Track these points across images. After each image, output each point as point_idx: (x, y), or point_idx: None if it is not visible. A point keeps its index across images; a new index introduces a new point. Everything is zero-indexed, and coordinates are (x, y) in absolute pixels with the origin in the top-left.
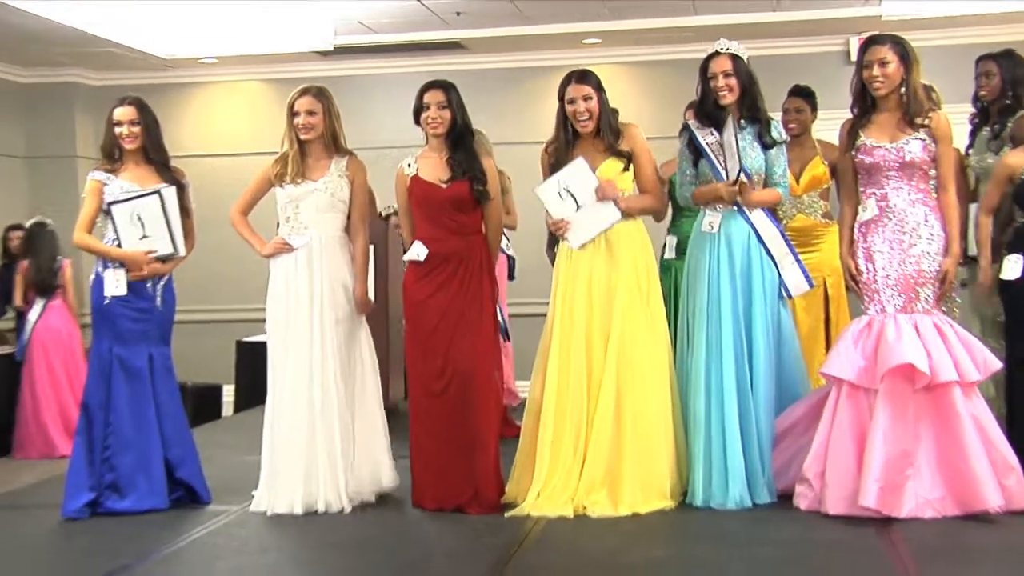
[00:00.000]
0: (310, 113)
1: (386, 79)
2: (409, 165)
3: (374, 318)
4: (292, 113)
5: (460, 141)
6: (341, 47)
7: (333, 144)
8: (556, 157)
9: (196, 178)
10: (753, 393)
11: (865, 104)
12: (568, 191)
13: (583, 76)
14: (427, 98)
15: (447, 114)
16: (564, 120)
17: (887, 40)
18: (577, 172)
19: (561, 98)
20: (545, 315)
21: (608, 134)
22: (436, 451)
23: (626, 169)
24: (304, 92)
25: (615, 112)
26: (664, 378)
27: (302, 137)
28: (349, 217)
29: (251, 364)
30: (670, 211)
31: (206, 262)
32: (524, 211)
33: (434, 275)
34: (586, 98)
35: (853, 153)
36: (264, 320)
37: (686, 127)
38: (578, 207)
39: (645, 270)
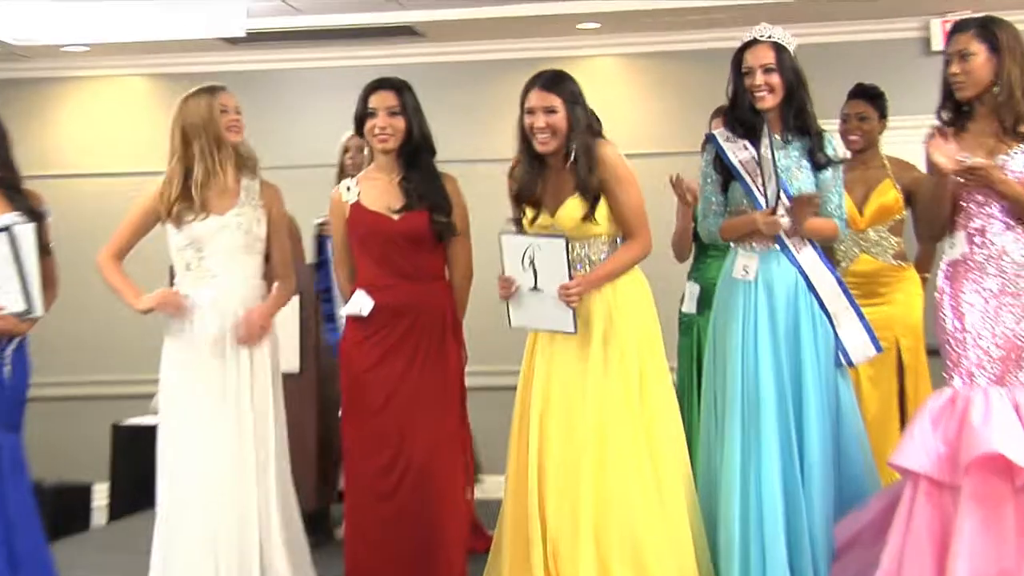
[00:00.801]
0: (236, 111)
1: (316, 76)
2: (348, 189)
3: (300, 397)
4: (218, 110)
5: (416, 158)
6: (256, 33)
7: (242, 162)
8: (522, 187)
9: (60, 206)
10: (804, 494)
11: (956, 108)
12: (533, 264)
13: (551, 82)
14: (373, 101)
15: (399, 122)
16: (524, 135)
17: (971, 26)
18: (552, 251)
19: (522, 106)
20: (499, 389)
21: (582, 162)
22: (381, 573)
23: (588, 216)
24: (224, 88)
25: (595, 129)
26: (675, 491)
27: (234, 139)
28: (268, 260)
29: (133, 455)
30: (692, 251)
31: (73, 320)
32: (484, 250)
33: (382, 336)
34: (548, 110)
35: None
36: (152, 396)
37: (711, 139)
38: (535, 287)
39: (641, 339)
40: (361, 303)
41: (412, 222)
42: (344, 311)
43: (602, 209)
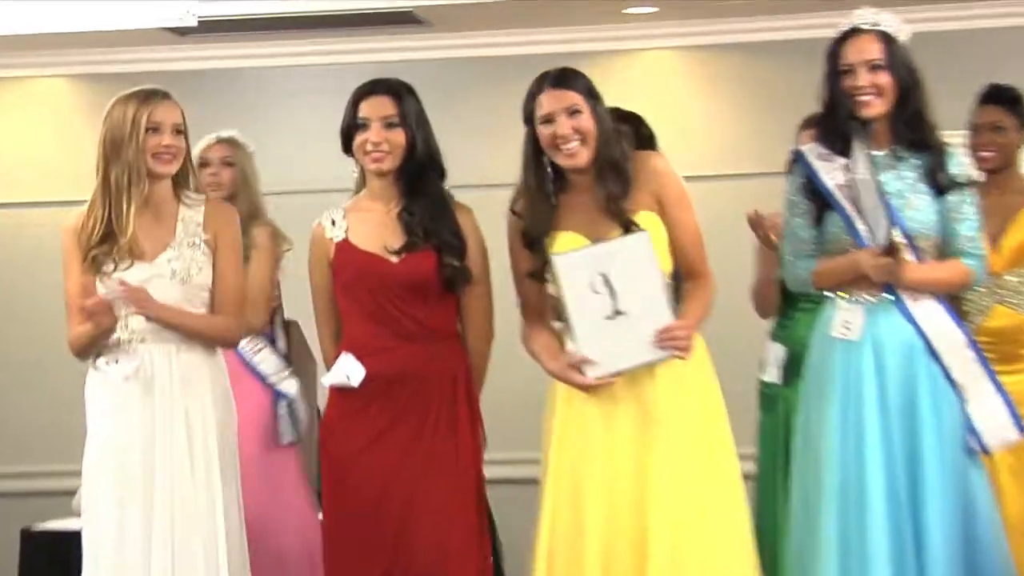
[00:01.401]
0: (177, 130)
1: (289, 77)
2: (333, 223)
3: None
4: (145, 129)
5: (421, 182)
6: (210, 21)
7: (181, 179)
8: (533, 224)
9: None
10: None
11: None
12: (608, 283)
13: (564, 77)
14: (365, 110)
15: (398, 136)
16: (535, 156)
17: None
18: (635, 252)
19: (529, 119)
20: (527, 482)
21: (610, 176)
22: None
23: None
24: (163, 96)
25: (623, 132)
26: None
27: (163, 171)
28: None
29: (47, 566)
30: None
31: None
32: (507, 301)
33: (375, 412)
34: (571, 112)
35: None
36: (75, 494)
37: (800, 158)
38: (616, 313)
39: (706, 420)
40: (348, 370)
41: (415, 266)
42: (327, 381)
43: (657, 238)
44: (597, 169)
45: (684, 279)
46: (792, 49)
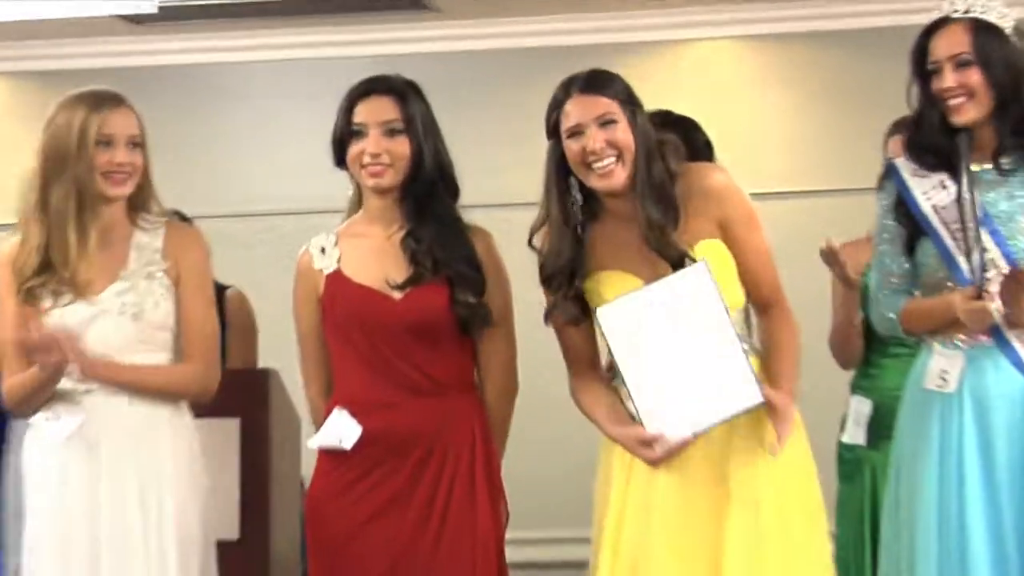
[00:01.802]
0: (133, 143)
1: (270, 73)
2: (323, 251)
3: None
4: (94, 142)
5: (430, 202)
6: (173, 7)
7: (138, 200)
8: (554, 261)
9: None
10: None
11: None
12: (663, 330)
13: (593, 81)
14: (361, 114)
15: (402, 145)
16: (559, 177)
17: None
18: (694, 287)
19: (554, 131)
20: (558, 567)
21: (651, 201)
22: None
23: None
24: (117, 101)
25: (668, 144)
26: None
27: (113, 193)
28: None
29: None
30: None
31: None
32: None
33: (375, 481)
34: (603, 122)
35: None
36: None
37: (892, 172)
38: (679, 365)
39: (795, 490)
40: (341, 431)
41: (423, 303)
42: (314, 443)
43: (724, 267)
44: (638, 192)
45: (758, 314)
46: (880, 38)
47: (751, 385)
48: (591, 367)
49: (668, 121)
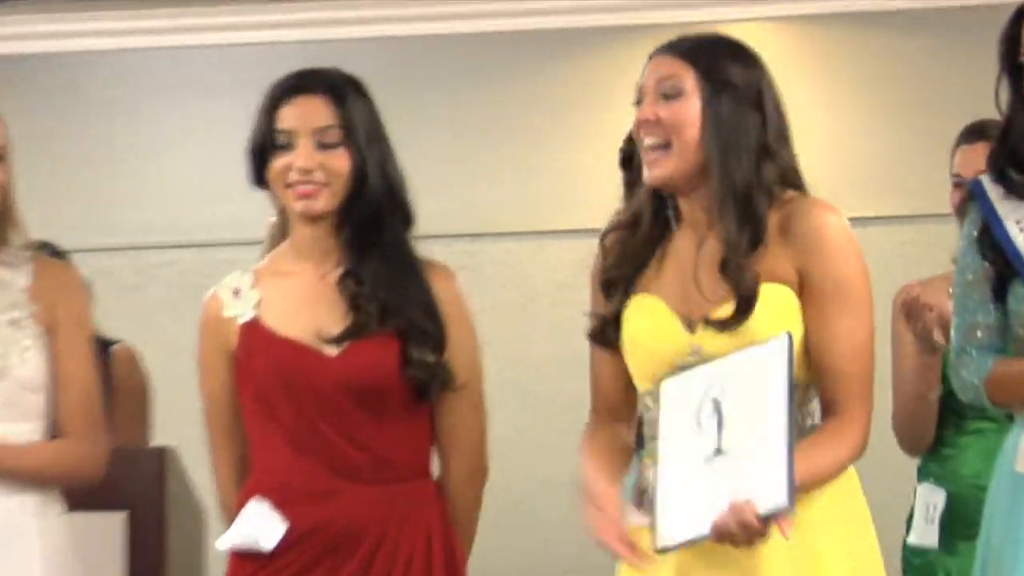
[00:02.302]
0: None
1: (165, 62)
2: (236, 295)
3: None
4: None
5: (375, 232)
6: None
7: (1, 227)
8: (612, 268)
9: None
10: None
11: None
12: (719, 411)
13: (684, 42)
14: (288, 118)
15: (340, 160)
16: (634, 166)
17: None
18: (766, 366)
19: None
20: None
21: (731, 212)
22: None
23: (743, 320)
24: None
25: (776, 157)
26: None
27: None
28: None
29: None
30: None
31: None
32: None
33: None
34: (667, 92)
35: None
36: None
37: (975, 194)
38: (716, 452)
39: None
40: (259, 528)
41: (366, 362)
42: (223, 543)
43: (794, 330)
44: (715, 195)
45: (822, 413)
46: (954, 20)
47: (782, 489)
48: (610, 415)
49: None
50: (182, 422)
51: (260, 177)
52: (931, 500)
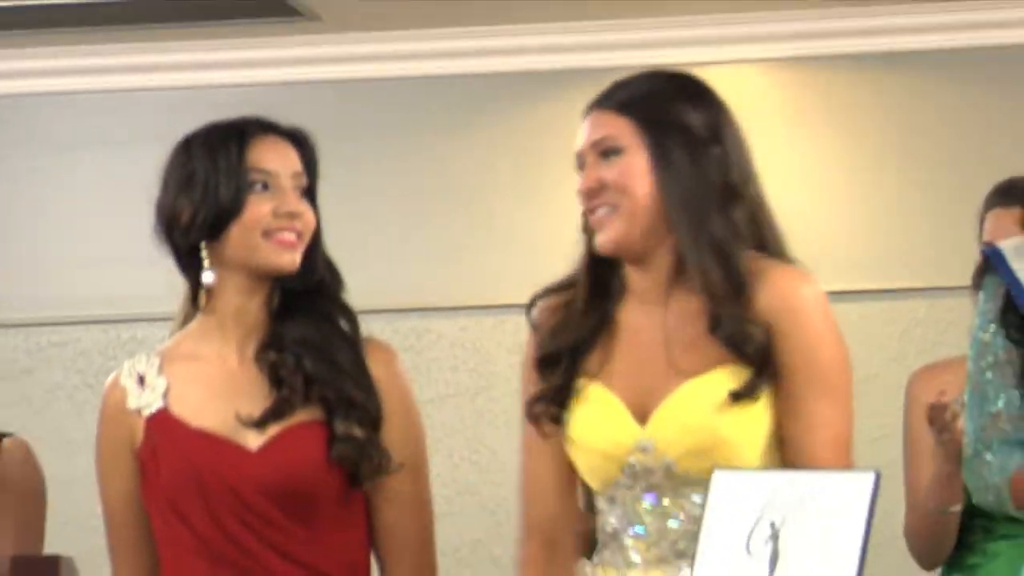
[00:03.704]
0: None
1: (63, 106)
2: (141, 381)
3: None
4: None
5: (309, 297)
6: None
7: None
8: (568, 331)
9: None
10: None
11: None
12: (775, 540)
13: (614, 91)
14: (267, 157)
15: (310, 215)
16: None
17: None
18: (839, 501)
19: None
20: None
21: (710, 259)
22: None
23: (748, 395)
24: None
25: (745, 198)
26: None
27: None
28: None
29: None
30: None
31: None
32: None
33: None
34: (604, 150)
35: None
36: None
37: (994, 262)
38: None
39: None
40: None
41: (292, 454)
42: None
43: (761, 416)
44: (687, 253)
45: None
46: (965, 60)
47: None
48: (546, 530)
49: None
50: (80, 528)
51: (220, 227)
52: None
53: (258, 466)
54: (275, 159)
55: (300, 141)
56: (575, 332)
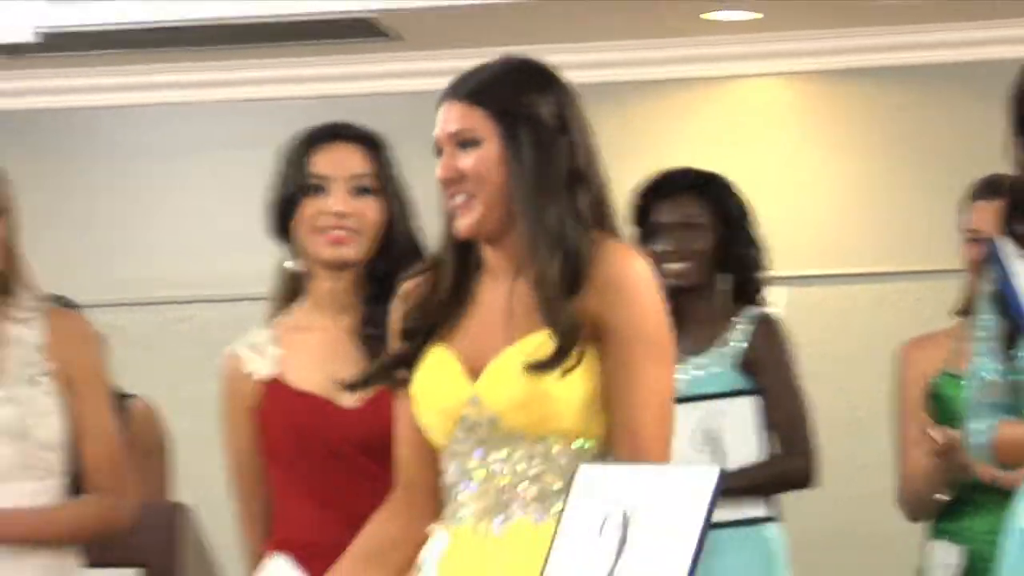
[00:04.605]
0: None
1: (182, 117)
2: (256, 350)
3: None
4: None
5: (395, 284)
6: (60, 34)
7: (4, 285)
8: (429, 307)
9: None
10: None
11: None
12: (625, 523)
13: (464, 81)
14: (323, 163)
15: (372, 209)
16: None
17: None
18: (685, 490)
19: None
20: None
21: (543, 244)
22: None
23: (564, 363)
24: None
25: (592, 193)
26: None
27: None
28: (81, 481)
29: None
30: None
31: None
32: None
33: None
34: (462, 141)
35: None
36: None
37: (994, 252)
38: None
39: None
40: None
41: (382, 415)
42: None
43: (582, 378)
44: (526, 238)
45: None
46: (964, 75)
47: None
48: (410, 488)
49: (691, 180)
50: (198, 481)
51: (282, 226)
52: (946, 559)
53: (352, 425)
54: (333, 164)
55: (370, 144)
56: (437, 309)
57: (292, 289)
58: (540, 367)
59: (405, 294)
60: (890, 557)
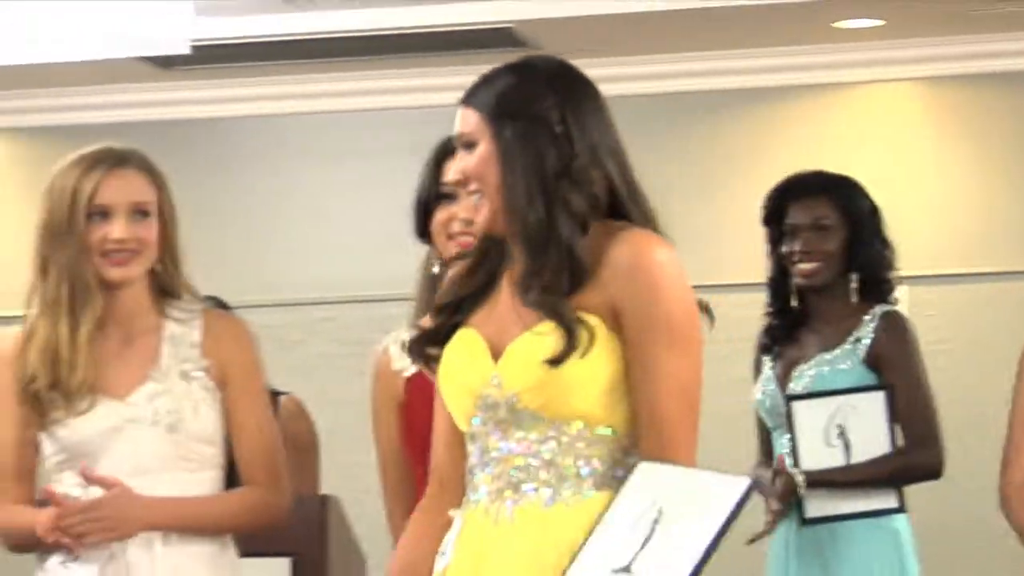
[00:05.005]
0: (139, 212)
1: (329, 125)
2: (404, 347)
3: None
4: (85, 214)
5: None
6: (211, 46)
7: (166, 284)
8: (462, 285)
9: None
10: None
11: None
12: (656, 522)
13: (466, 92)
14: (450, 172)
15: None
16: None
17: None
18: (714, 501)
19: None
20: None
21: (524, 241)
22: None
23: (576, 349)
24: (116, 161)
25: (582, 183)
26: None
27: (113, 276)
28: (234, 473)
29: None
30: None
31: None
32: None
33: None
34: (466, 143)
35: None
36: None
37: None
38: (627, 570)
39: None
40: None
41: None
42: None
43: (592, 374)
44: (520, 241)
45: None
46: None
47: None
48: (445, 483)
49: (821, 183)
50: (344, 475)
51: (423, 230)
52: None
53: None
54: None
55: None
56: (464, 287)
57: (435, 290)
58: (556, 360)
59: (451, 278)
60: (1017, 549)
